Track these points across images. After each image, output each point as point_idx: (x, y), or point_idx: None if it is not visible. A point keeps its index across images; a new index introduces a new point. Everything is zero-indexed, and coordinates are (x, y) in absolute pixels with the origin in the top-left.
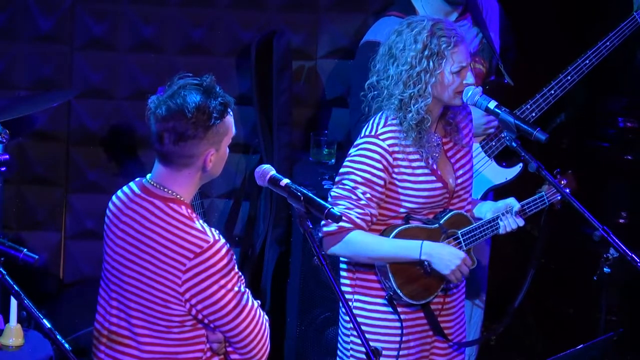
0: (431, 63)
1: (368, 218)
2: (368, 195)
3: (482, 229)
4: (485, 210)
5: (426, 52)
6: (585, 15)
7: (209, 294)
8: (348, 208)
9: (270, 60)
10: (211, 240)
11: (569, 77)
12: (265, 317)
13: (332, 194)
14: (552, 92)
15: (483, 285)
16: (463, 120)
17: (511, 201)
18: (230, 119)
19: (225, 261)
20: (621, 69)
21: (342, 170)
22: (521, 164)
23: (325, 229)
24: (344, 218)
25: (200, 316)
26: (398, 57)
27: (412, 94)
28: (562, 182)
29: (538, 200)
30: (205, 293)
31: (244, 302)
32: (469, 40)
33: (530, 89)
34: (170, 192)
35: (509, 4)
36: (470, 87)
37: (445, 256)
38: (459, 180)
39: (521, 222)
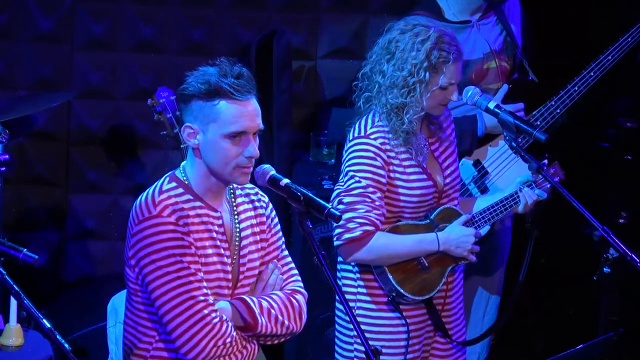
0: (427, 75)
1: (383, 218)
2: (378, 195)
3: (474, 219)
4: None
5: (425, 64)
6: (609, 11)
7: (143, 264)
8: (367, 211)
9: (270, 60)
10: (155, 213)
11: (592, 74)
12: (218, 322)
13: (345, 200)
14: (576, 88)
15: (501, 274)
16: (445, 120)
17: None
18: (225, 110)
19: (159, 237)
20: (621, 69)
21: (343, 177)
22: (546, 160)
23: (348, 235)
24: (366, 221)
25: (144, 285)
26: (397, 58)
27: (405, 103)
28: (550, 172)
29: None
30: (142, 262)
31: (173, 284)
32: (493, 39)
33: (555, 86)
34: (182, 172)
35: (531, 1)
36: (470, 87)
37: (461, 240)
38: (447, 180)
39: (542, 194)
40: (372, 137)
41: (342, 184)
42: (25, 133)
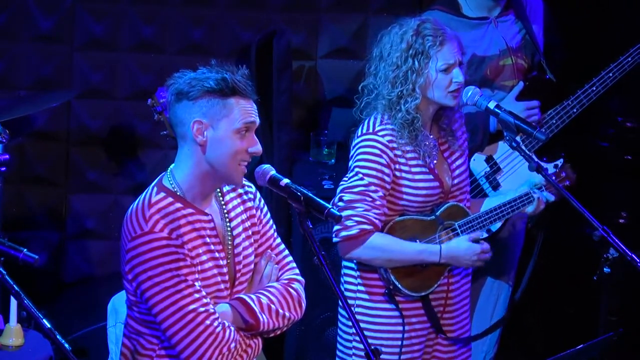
0: (416, 62)
1: (384, 218)
2: (380, 194)
3: (481, 219)
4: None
5: (411, 52)
6: (630, 13)
7: (140, 280)
8: (366, 210)
9: (270, 60)
10: (147, 229)
11: (610, 75)
12: (221, 330)
13: (345, 198)
14: (594, 88)
15: (514, 263)
16: (459, 129)
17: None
18: (237, 106)
19: (154, 254)
20: None
21: (349, 173)
22: (562, 159)
23: (345, 233)
24: (364, 220)
25: (143, 300)
26: (385, 58)
27: (400, 93)
28: (562, 175)
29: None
30: (138, 278)
31: (173, 299)
32: (511, 36)
33: (573, 85)
34: (170, 178)
35: (553, 1)
36: (470, 87)
37: (463, 256)
38: (455, 181)
39: (550, 197)
40: (379, 134)
41: (347, 179)
42: (25, 133)
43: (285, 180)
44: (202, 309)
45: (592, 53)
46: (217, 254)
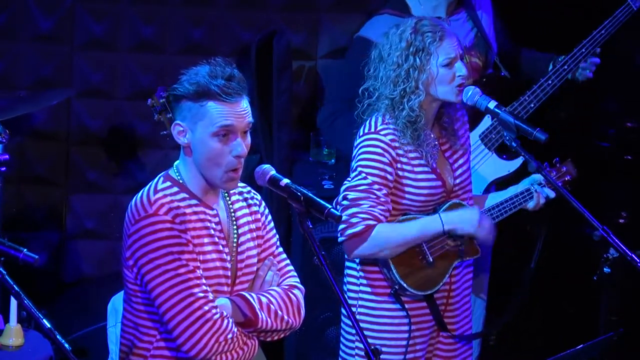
0: (417, 59)
1: (388, 214)
2: (384, 191)
3: (487, 213)
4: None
5: (411, 49)
6: (583, 5)
7: (141, 263)
8: (371, 207)
9: (270, 60)
10: (152, 212)
11: (565, 67)
12: (219, 318)
13: (350, 197)
14: (550, 82)
15: (485, 277)
16: (461, 128)
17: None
18: (212, 110)
19: (157, 236)
20: (621, 68)
21: (352, 173)
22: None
23: (350, 230)
24: (369, 216)
25: (143, 283)
26: (385, 59)
27: (403, 92)
28: (562, 170)
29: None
30: (139, 262)
31: (172, 282)
32: (463, 35)
33: (528, 80)
34: (176, 171)
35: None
36: (470, 87)
37: (465, 217)
38: (457, 180)
39: (550, 193)
40: (381, 133)
41: (350, 179)
42: (25, 133)
43: (285, 180)
44: (201, 295)
45: (547, 46)
46: (221, 247)
